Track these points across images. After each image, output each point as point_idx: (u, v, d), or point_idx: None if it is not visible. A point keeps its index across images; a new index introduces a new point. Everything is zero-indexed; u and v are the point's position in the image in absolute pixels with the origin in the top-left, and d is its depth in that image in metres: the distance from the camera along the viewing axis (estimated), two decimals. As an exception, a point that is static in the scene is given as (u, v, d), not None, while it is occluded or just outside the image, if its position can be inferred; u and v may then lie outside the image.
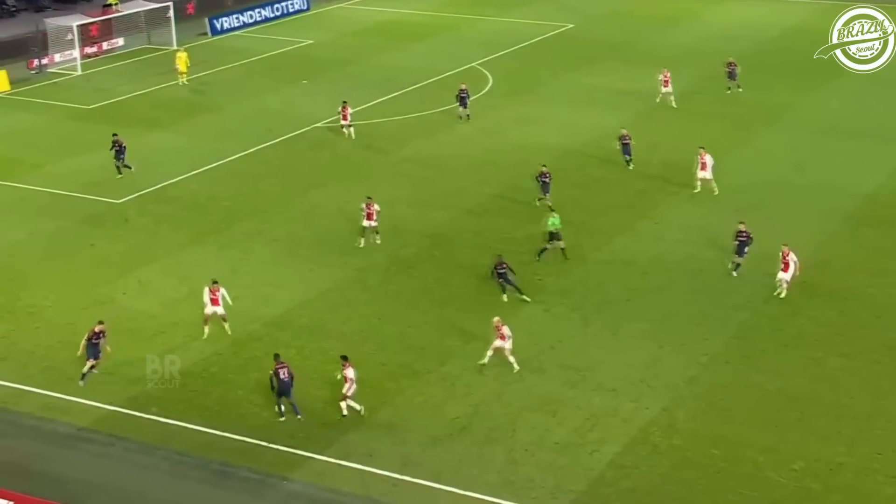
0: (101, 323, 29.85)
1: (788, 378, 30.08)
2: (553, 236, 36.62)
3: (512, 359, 30.07)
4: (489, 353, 30.20)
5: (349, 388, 27.93)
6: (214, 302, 31.79)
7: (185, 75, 58.34)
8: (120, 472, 26.32)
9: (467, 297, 34.56)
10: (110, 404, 28.70)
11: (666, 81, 52.90)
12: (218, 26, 69.72)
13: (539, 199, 40.84)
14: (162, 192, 43.30)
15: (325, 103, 53.64)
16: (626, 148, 44.50)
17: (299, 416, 27.97)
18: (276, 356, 28.42)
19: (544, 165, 41.27)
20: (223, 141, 49.02)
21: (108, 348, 29.70)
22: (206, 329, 31.76)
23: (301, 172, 45.59)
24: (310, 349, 31.50)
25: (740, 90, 55.10)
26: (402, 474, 25.97)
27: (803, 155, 46.91)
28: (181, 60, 58.53)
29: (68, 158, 46.76)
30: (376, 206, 37.92)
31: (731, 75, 55.30)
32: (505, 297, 33.81)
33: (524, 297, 33.94)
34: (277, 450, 26.88)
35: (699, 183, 42.12)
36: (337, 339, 32.00)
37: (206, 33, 68.96)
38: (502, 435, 27.50)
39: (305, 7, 75.68)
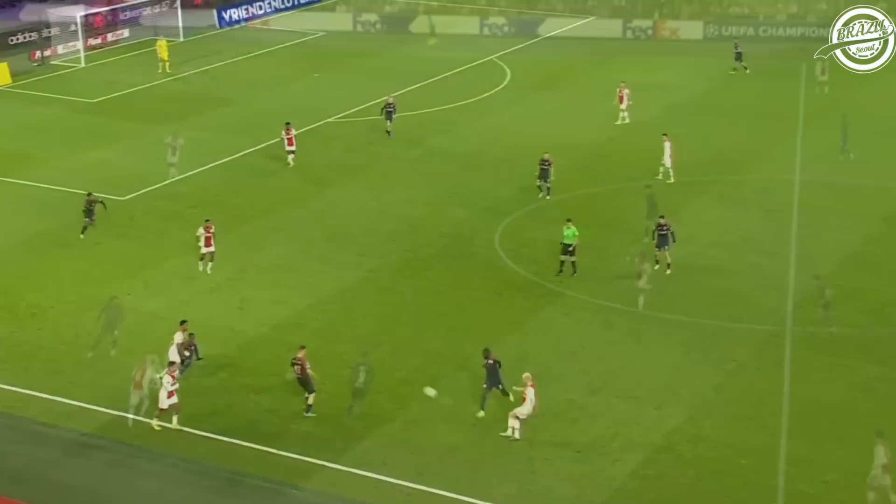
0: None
1: (821, 386, 30.20)
2: (566, 249, 35.85)
3: (516, 423, 27.48)
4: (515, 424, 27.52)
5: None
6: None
7: (167, 62, 58.99)
8: (127, 480, 26.67)
9: (485, 300, 34.81)
10: (115, 409, 28.94)
11: (621, 98, 50.27)
12: (226, 17, 70.18)
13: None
14: (170, 189, 43.71)
15: (339, 97, 54.10)
16: (544, 173, 41.90)
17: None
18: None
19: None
20: (234, 136, 49.43)
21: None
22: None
23: (315, 169, 45.93)
24: (322, 353, 31.70)
25: (748, 71, 57.71)
26: (417, 483, 26.24)
27: (861, 154, 46.04)
28: (162, 49, 59.42)
29: (73, 153, 47.25)
30: (213, 230, 36.41)
31: (738, 56, 58.02)
32: (482, 413, 28.67)
33: (509, 396, 28.86)
34: (289, 457, 27.20)
35: (661, 169, 43.54)
36: (350, 342, 32.28)
37: (214, 24, 69.45)
38: (521, 443, 27.68)
39: (317, -4, 76.14)
